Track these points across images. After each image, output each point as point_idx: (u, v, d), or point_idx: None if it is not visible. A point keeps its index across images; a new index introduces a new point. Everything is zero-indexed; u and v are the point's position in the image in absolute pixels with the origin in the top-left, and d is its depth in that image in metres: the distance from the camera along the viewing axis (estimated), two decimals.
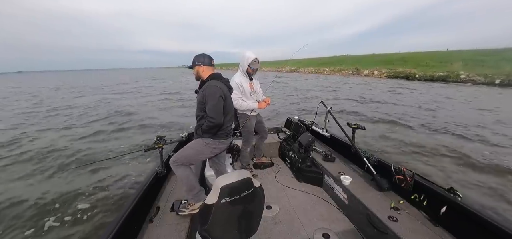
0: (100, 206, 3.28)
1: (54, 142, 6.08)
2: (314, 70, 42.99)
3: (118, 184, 3.84)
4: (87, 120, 8.72)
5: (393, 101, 11.39)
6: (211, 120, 1.67)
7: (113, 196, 3.52)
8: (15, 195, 3.55)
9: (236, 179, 1.18)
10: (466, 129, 6.48)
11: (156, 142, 2.15)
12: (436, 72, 23.27)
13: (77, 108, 11.17)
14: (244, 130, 2.66)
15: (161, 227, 1.67)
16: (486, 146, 5.28)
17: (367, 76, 29.03)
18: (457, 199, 1.55)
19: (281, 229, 1.98)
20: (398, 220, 1.64)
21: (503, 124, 6.98)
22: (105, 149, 5.62)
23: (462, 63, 24.48)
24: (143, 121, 8.30)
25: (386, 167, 2.09)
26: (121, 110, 10.23)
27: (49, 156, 5.11)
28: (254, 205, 1.26)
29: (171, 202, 1.93)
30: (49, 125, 8.06)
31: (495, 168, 4.17)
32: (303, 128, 3.16)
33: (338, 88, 17.92)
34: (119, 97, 15.19)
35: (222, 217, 1.16)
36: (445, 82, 20.45)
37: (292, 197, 2.44)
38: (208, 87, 1.70)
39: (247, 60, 2.42)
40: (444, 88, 16.37)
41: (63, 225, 2.92)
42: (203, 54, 1.82)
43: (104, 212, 3.14)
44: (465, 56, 28.66)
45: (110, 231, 1.32)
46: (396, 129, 6.75)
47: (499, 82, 17.51)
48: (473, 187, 3.63)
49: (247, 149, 2.84)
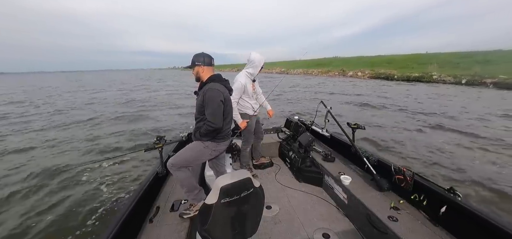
0: (100, 206, 3.28)
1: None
2: (303, 71, 45.00)
3: (118, 184, 3.84)
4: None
5: (358, 93, 14.47)
6: (211, 125, 1.65)
7: (113, 196, 3.52)
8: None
9: (236, 179, 1.18)
10: (403, 106, 10.27)
11: (156, 142, 2.15)
12: (413, 73, 25.34)
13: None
14: (245, 129, 2.66)
15: (161, 227, 1.67)
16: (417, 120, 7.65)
17: (351, 77, 30.77)
18: (457, 199, 1.55)
19: (281, 229, 1.98)
20: (398, 220, 1.64)
21: (435, 110, 9.25)
22: (105, 149, 5.63)
23: (437, 65, 26.69)
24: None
25: (386, 167, 2.09)
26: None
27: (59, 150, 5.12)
28: (254, 205, 1.26)
29: (171, 202, 1.93)
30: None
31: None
32: (303, 128, 3.16)
33: (323, 83, 20.91)
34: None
35: (222, 217, 1.16)
36: (419, 82, 22.43)
37: (292, 197, 2.44)
38: (209, 91, 1.66)
39: (260, 63, 2.53)
40: (415, 86, 18.99)
41: (63, 225, 2.92)
42: (203, 54, 1.77)
43: (104, 212, 3.14)
44: (442, 58, 31.34)
45: (110, 231, 1.32)
46: (367, 108, 10.26)
47: (465, 82, 19.64)
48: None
49: (247, 148, 2.85)
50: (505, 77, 17.62)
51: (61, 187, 3.80)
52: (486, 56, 27.74)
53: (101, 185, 3.81)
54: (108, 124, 8.16)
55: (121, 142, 6.17)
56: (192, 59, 1.78)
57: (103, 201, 3.40)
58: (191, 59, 1.78)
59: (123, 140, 6.34)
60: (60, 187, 3.80)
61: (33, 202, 3.40)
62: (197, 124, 1.82)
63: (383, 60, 39.30)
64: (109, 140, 6.31)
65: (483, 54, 30.04)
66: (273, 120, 3.90)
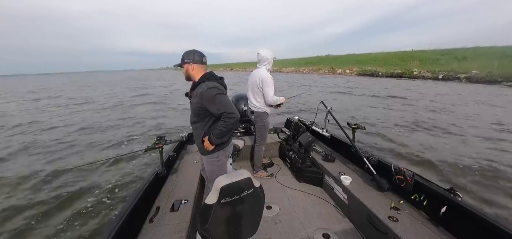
0: (100, 206, 3.28)
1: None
2: (295, 70, 47.49)
3: (118, 184, 3.84)
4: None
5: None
6: (231, 116, 1.52)
7: (113, 196, 3.52)
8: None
9: (236, 179, 1.17)
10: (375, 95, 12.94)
11: (156, 142, 2.15)
12: (396, 69, 27.00)
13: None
14: (262, 127, 2.70)
15: (161, 227, 1.67)
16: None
17: (340, 75, 32.08)
18: (457, 199, 1.55)
19: (281, 229, 1.98)
20: (398, 220, 1.64)
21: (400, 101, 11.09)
22: (107, 148, 5.63)
23: (418, 62, 28.57)
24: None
25: (386, 167, 2.09)
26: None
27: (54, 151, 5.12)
28: (254, 205, 1.26)
29: (171, 202, 1.93)
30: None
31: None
32: (303, 128, 3.16)
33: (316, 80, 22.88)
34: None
35: (222, 217, 1.16)
36: (401, 77, 24.04)
37: (292, 197, 2.44)
38: (208, 91, 1.52)
39: (272, 57, 2.57)
40: (393, 81, 21.24)
41: (62, 225, 2.92)
42: (194, 51, 1.62)
43: (104, 212, 3.14)
44: (425, 55, 32.93)
45: (110, 231, 1.32)
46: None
47: (441, 77, 21.01)
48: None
49: (263, 147, 2.83)
50: (476, 72, 19.25)
51: (61, 187, 3.80)
52: (464, 53, 29.72)
53: (101, 185, 3.81)
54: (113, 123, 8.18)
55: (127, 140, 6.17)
56: (181, 57, 1.65)
57: (103, 201, 3.40)
58: (181, 57, 1.65)
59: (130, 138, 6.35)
60: (60, 187, 3.80)
61: (33, 202, 3.40)
62: (195, 129, 1.70)
63: (370, 58, 41.22)
64: (109, 140, 6.31)
65: (462, 51, 31.58)
66: (273, 120, 3.91)
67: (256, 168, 2.90)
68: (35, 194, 3.63)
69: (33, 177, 4.17)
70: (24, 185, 3.89)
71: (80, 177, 4.11)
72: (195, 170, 2.48)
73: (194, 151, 2.98)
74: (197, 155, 2.83)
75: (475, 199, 3.20)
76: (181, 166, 2.60)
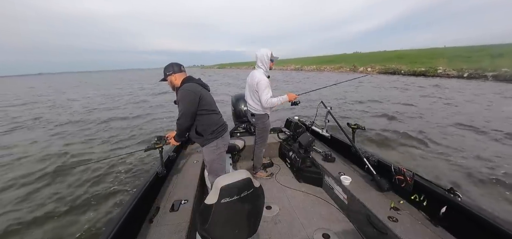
0: (100, 206, 3.28)
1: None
2: (316, 68, 46.16)
3: (117, 184, 3.84)
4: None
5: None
6: (177, 124, 1.83)
7: (113, 195, 3.52)
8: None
9: (236, 179, 1.17)
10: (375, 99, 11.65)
11: (156, 142, 2.15)
12: (419, 67, 26.09)
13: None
14: (263, 129, 2.66)
15: (161, 227, 1.67)
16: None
17: (361, 73, 31.68)
18: (457, 199, 1.55)
19: (281, 229, 1.98)
20: (398, 220, 1.64)
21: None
22: (107, 148, 5.63)
23: (446, 60, 27.25)
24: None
25: (386, 167, 2.09)
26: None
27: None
28: (254, 205, 1.26)
29: (171, 202, 1.92)
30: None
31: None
32: (303, 128, 3.16)
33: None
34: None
35: (222, 217, 1.16)
36: (424, 76, 23.37)
37: (292, 197, 2.44)
38: (179, 92, 1.80)
39: (268, 56, 2.41)
40: (410, 78, 21.21)
41: (62, 225, 2.92)
42: (172, 64, 1.88)
43: (104, 212, 3.14)
44: (457, 52, 31.37)
45: (110, 231, 1.32)
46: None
47: (466, 75, 20.16)
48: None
49: (263, 149, 2.81)
50: (506, 69, 17.85)
51: (60, 187, 3.81)
52: (501, 50, 27.67)
53: (101, 185, 3.81)
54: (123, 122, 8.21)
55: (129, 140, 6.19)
56: (163, 72, 1.90)
57: (103, 201, 3.40)
58: (163, 72, 1.91)
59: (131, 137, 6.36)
60: (59, 187, 3.80)
61: (32, 202, 3.40)
62: (190, 131, 1.96)
63: (396, 55, 39.71)
64: (109, 140, 6.32)
65: (499, 47, 29.85)
66: (273, 120, 3.91)
67: (256, 168, 2.90)
68: (34, 193, 3.63)
69: (32, 176, 4.18)
70: (24, 185, 3.90)
71: (79, 177, 4.10)
72: (195, 170, 2.48)
73: (194, 151, 2.98)
74: (197, 155, 2.83)
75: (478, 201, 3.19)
76: (181, 166, 2.60)
